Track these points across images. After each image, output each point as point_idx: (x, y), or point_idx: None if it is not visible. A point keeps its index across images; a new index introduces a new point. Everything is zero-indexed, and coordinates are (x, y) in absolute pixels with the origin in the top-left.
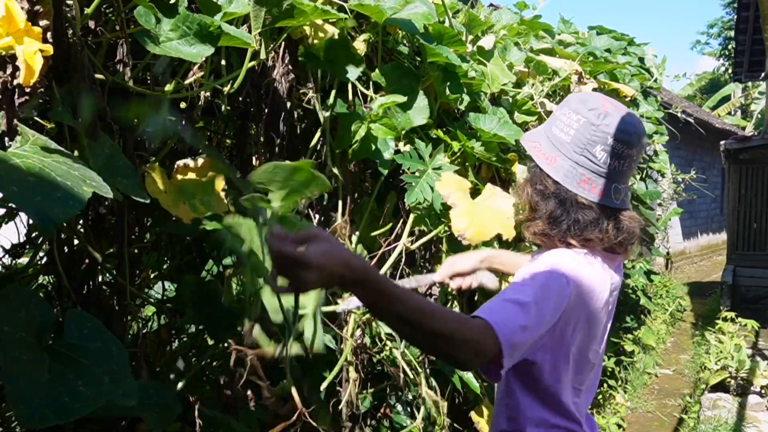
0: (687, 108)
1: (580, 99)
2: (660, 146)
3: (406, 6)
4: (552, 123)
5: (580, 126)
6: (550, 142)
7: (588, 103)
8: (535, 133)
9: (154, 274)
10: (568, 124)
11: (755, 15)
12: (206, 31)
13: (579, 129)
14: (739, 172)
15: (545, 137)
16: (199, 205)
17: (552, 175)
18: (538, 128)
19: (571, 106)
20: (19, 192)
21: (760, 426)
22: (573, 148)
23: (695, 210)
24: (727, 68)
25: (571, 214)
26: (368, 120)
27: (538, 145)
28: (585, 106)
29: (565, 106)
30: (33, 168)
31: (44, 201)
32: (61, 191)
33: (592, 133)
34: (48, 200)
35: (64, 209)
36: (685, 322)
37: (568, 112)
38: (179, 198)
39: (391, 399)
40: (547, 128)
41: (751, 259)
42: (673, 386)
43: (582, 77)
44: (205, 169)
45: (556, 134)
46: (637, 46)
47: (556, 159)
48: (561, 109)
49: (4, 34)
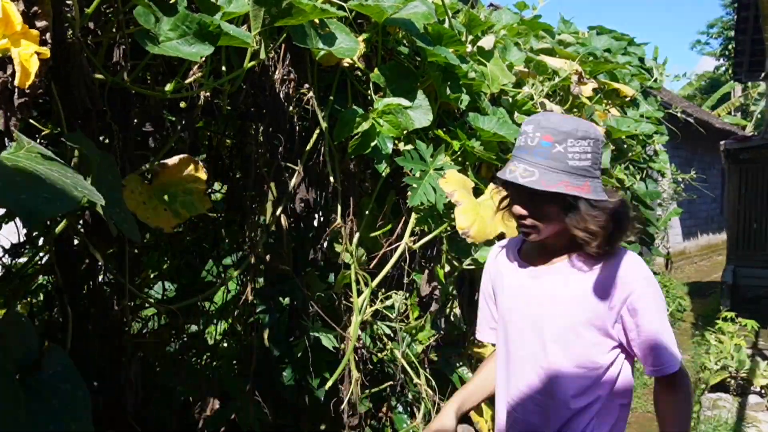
0: (687, 108)
1: (571, 126)
2: (660, 146)
3: (406, 6)
4: (563, 158)
5: (592, 148)
6: (575, 175)
7: (581, 124)
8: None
9: (154, 274)
10: (582, 152)
11: (755, 15)
12: (206, 31)
13: (593, 151)
14: (739, 172)
15: (567, 173)
16: (181, 209)
17: (594, 197)
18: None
19: (574, 135)
20: (2, 188)
21: (760, 426)
22: (595, 168)
23: (695, 210)
24: (728, 68)
25: (622, 219)
26: (374, 115)
27: (568, 183)
28: (584, 129)
29: (569, 138)
30: (24, 169)
31: (29, 198)
32: (48, 191)
33: (599, 146)
34: (33, 197)
35: (50, 206)
36: (685, 322)
37: (575, 142)
38: (160, 205)
39: (392, 399)
40: (561, 165)
41: (751, 259)
42: None
43: (582, 77)
44: (183, 165)
45: (576, 165)
46: (637, 46)
47: (588, 185)
48: (565, 143)
49: (1, 36)
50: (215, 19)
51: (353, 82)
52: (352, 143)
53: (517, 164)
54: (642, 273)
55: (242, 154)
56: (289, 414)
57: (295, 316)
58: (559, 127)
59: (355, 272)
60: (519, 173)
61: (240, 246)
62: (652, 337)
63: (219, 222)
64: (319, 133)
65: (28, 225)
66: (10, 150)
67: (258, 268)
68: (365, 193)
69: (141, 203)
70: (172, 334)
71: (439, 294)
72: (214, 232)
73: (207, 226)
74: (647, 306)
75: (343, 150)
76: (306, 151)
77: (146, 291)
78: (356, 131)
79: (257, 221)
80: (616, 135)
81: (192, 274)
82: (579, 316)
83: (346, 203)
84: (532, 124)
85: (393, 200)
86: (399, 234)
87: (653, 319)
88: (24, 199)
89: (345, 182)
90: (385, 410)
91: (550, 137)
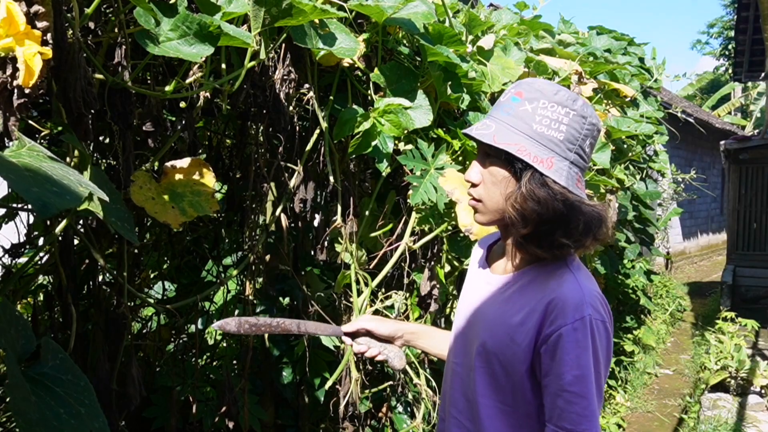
0: (687, 108)
1: (551, 88)
2: (660, 146)
3: (406, 5)
4: (529, 119)
5: (570, 120)
6: (537, 142)
7: (563, 92)
8: (505, 131)
9: (154, 274)
10: (555, 119)
11: (755, 15)
12: (206, 31)
13: (570, 123)
14: (739, 172)
15: (526, 137)
16: (188, 208)
17: (558, 180)
18: (501, 124)
19: (549, 97)
20: (17, 180)
21: (760, 426)
22: (567, 146)
23: (695, 210)
24: (728, 68)
25: (580, 220)
26: (375, 114)
27: (523, 148)
28: (564, 96)
29: (541, 98)
30: (29, 165)
31: (41, 192)
32: (56, 186)
33: (583, 126)
34: (44, 191)
35: (60, 200)
36: (685, 322)
37: (549, 105)
38: (168, 202)
39: (392, 399)
40: (523, 125)
41: (751, 259)
42: (673, 386)
43: (582, 77)
44: (193, 168)
45: (542, 132)
46: (637, 46)
47: (552, 161)
48: (536, 102)
49: (5, 36)
50: (215, 20)
51: (353, 82)
52: (353, 143)
53: (482, 121)
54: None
55: (242, 154)
56: (289, 414)
57: (295, 315)
58: (538, 86)
59: (355, 272)
60: (476, 126)
61: (240, 246)
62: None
63: (219, 222)
64: (319, 133)
65: (43, 215)
66: (12, 148)
67: (258, 268)
68: (365, 192)
69: (150, 198)
70: (172, 334)
71: (439, 294)
72: (214, 232)
73: (207, 226)
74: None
75: (343, 150)
76: (306, 151)
77: (146, 291)
78: (357, 131)
79: (257, 221)
80: (616, 135)
81: (192, 274)
82: (504, 340)
83: (346, 203)
84: (515, 84)
85: (393, 200)
86: (399, 234)
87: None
88: (36, 191)
89: (345, 182)
90: (385, 410)
91: (521, 93)
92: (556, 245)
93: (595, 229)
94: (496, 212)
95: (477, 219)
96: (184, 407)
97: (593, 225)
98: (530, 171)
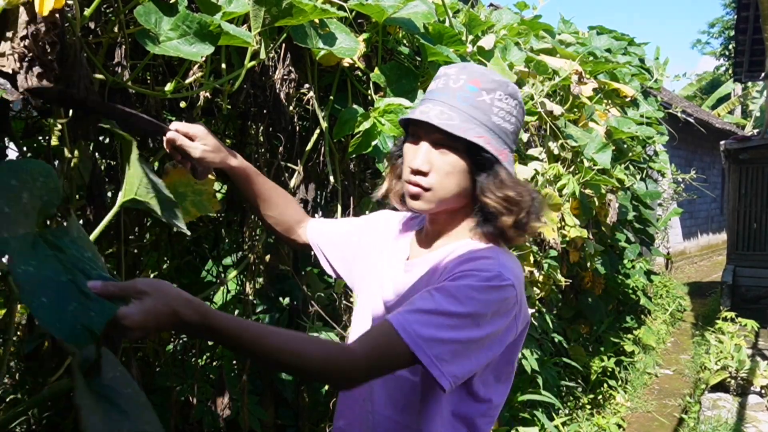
0: (687, 108)
1: (501, 78)
2: (660, 146)
3: (407, 5)
4: (488, 110)
5: (518, 112)
6: (495, 135)
7: (511, 83)
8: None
9: (154, 274)
10: (509, 112)
11: (755, 15)
12: (206, 30)
13: (517, 116)
14: (739, 172)
15: (487, 129)
16: (191, 208)
17: (510, 171)
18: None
19: (504, 89)
20: (163, 201)
21: (760, 426)
22: (513, 138)
23: (695, 210)
24: (728, 68)
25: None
26: (376, 114)
27: (488, 141)
28: (513, 88)
29: (498, 89)
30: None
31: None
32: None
33: (522, 116)
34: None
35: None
36: (685, 322)
37: (504, 97)
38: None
39: None
40: (483, 117)
41: (751, 259)
42: (673, 386)
43: (582, 77)
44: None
45: (499, 125)
46: (638, 46)
47: (506, 153)
48: (493, 93)
49: None
50: (216, 19)
51: (353, 82)
52: (353, 142)
53: (431, 106)
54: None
55: (242, 154)
56: (289, 414)
57: (295, 315)
58: (489, 75)
59: None
60: (434, 114)
61: (240, 246)
62: (424, 294)
63: (219, 222)
64: (319, 132)
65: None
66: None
67: (258, 268)
68: (365, 192)
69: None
70: (172, 334)
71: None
72: (214, 232)
73: (207, 226)
74: (460, 287)
75: (343, 150)
76: (306, 150)
77: None
78: (357, 130)
79: (257, 221)
80: (616, 135)
81: (192, 274)
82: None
83: (346, 203)
84: (455, 68)
85: None
86: None
87: (447, 289)
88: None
89: (345, 182)
90: None
91: (478, 82)
92: (527, 230)
93: (541, 214)
94: (445, 201)
95: (416, 206)
96: (184, 407)
97: (541, 209)
98: (493, 163)
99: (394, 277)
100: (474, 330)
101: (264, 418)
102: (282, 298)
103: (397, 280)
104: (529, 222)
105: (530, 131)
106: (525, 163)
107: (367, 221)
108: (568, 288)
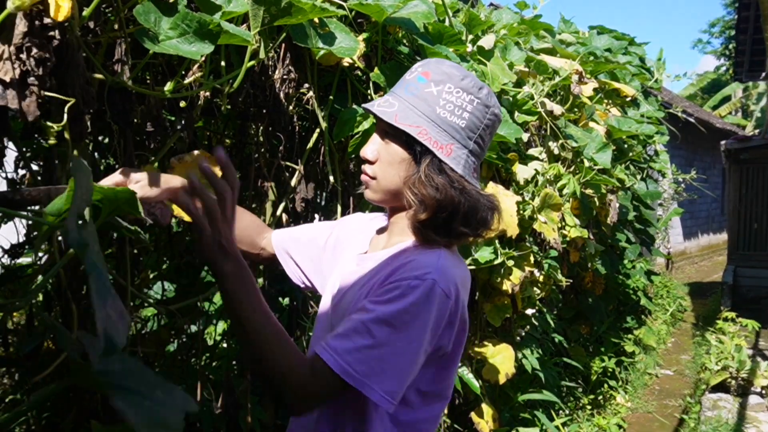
0: (688, 108)
1: (458, 72)
2: (660, 146)
3: (406, 5)
4: (433, 102)
5: (473, 108)
6: (438, 127)
7: (469, 78)
8: (408, 112)
9: (153, 274)
10: (459, 106)
11: (756, 15)
12: (206, 29)
13: (473, 112)
14: (739, 172)
15: (428, 120)
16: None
17: (455, 168)
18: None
19: (456, 82)
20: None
21: (760, 426)
22: (467, 134)
23: (696, 210)
24: (729, 68)
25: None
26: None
27: (425, 132)
28: (471, 83)
29: (448, 81)
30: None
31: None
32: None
33: (485, 115)
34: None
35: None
36: (686, 322)
37: (455, 90)
38: None
39: None
40: (426, 108)
41: (752, 259)
42: (673, 386)
43: (582, 77)
44: (199, 161)
45: (445, 118)
46: (638, 46)
47: (452, 148)
48: (442, 85)
49: None
50: (215, 18)
51: (353, 82)
52: (353, 142)
53: (387, 97)
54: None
55: (242, 154)
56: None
57: (294, 316)
58: (445, 69)
59: None
60: (378, 102)
61: None
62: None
63: None
64: (319, 132)
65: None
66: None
67: (258, 267)
68: None
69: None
70: (171, 334)
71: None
72: None
73: None
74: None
75: (343, 150)
76: (306, 150)
77: (146, 291)
78: (357, 130)
79: None
80: (617, 135)
81: (192, 274)
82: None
83: (346, 203)
84: (422, 62)
85: None
86: None
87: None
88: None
89: (345, 182)
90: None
91: (428, 74)
92: (455, 234)
93: (490, 219)
94: (389, 192)
95: (368, 196)
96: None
97: (489, 215)
98: (429, 156)
99: (344, 270)
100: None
101: (264, 418)
102: (282, 299)
103: (346, 273)
104: (457, 227)
105: (530, 131)
106: (525, 163)
107: (337, 222)
108: (568, 288)
